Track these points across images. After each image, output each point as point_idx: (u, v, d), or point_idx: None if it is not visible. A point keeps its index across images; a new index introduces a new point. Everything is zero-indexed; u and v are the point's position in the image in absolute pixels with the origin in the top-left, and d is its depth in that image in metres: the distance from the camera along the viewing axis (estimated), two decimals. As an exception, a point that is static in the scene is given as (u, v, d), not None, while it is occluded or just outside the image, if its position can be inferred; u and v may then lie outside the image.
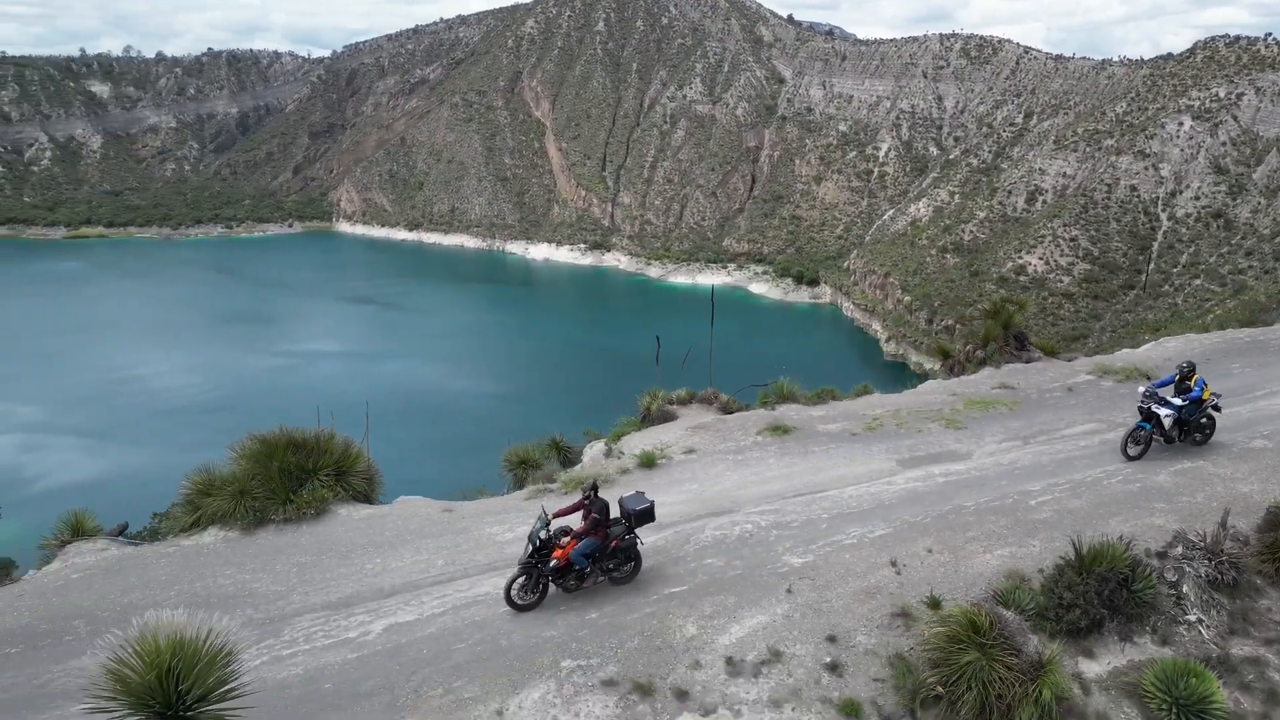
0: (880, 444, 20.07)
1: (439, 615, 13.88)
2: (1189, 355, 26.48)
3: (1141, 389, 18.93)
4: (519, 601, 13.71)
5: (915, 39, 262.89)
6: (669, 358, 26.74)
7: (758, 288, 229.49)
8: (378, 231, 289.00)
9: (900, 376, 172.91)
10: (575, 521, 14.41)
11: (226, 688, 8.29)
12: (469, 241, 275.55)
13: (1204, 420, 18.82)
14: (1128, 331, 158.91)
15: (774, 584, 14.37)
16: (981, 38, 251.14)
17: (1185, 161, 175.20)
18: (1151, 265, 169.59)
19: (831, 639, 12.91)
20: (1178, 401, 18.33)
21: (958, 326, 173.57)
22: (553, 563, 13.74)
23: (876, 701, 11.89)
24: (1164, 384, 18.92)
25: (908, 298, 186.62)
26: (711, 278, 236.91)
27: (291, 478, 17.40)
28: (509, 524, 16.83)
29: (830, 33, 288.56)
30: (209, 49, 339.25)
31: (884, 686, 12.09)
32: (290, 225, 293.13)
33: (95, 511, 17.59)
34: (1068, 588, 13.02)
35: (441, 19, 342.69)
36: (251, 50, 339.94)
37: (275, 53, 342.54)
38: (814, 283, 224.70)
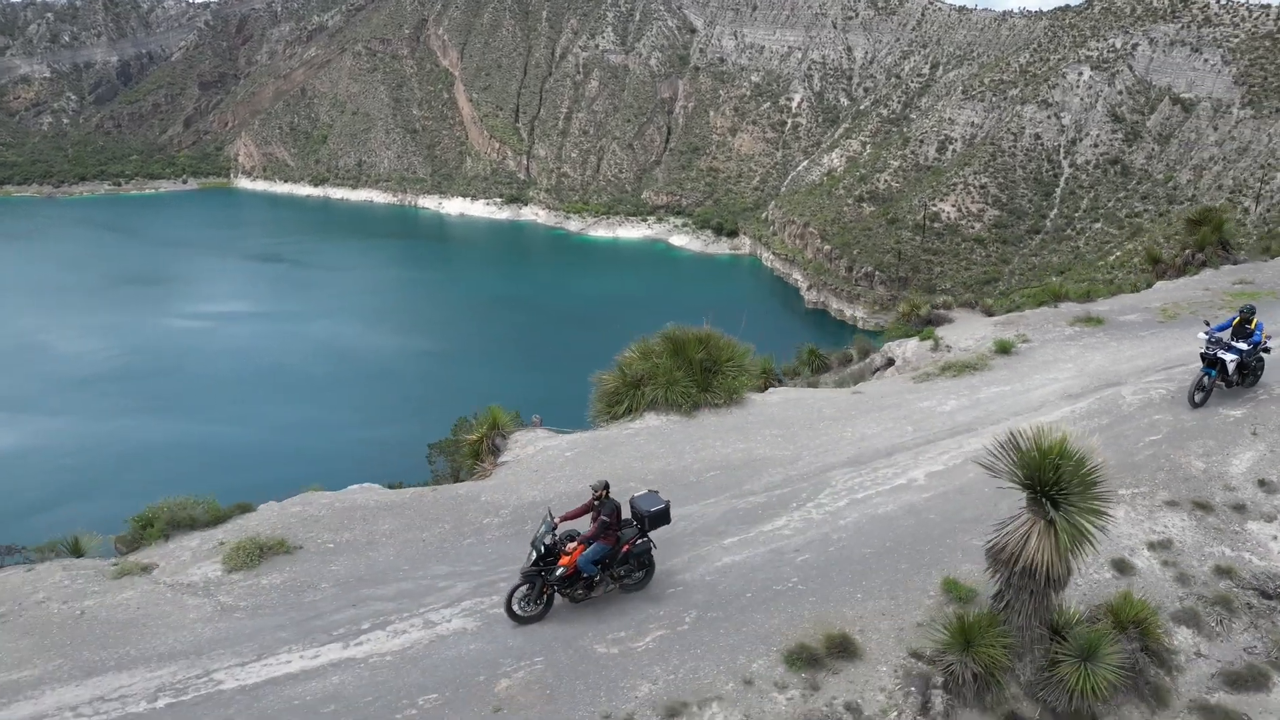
0: (1194, 327, 21.92)
1: (958, 465, 15.82)
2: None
3: (1202, 334, 18.85)
4: (520, 613, 12.67)
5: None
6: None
7: (678, 240, 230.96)
8: (280, 187, 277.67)
9: (822, 323, 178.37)
10: (584, 525, 13.29)
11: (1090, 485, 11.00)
12: (378, 197, 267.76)
13: (1256, 363, 18.87)
14: (1034, 274, 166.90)
15: (1234, 429, 16.49)
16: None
17: (1085, 110, 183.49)
18: (1055, 211, 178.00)
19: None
20: (1242, 346, 18.32)
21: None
22: (559, 570, 12.63)
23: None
24: (1223, 328, 18.84)
25: (827, 246, 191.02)
26: (632, 230, 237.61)
27: (703, 370, 19.62)
28: (930, 398, 19.40)
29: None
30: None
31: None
32: (185, 181, 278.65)
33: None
34: None
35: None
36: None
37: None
38: (733, 234, 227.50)
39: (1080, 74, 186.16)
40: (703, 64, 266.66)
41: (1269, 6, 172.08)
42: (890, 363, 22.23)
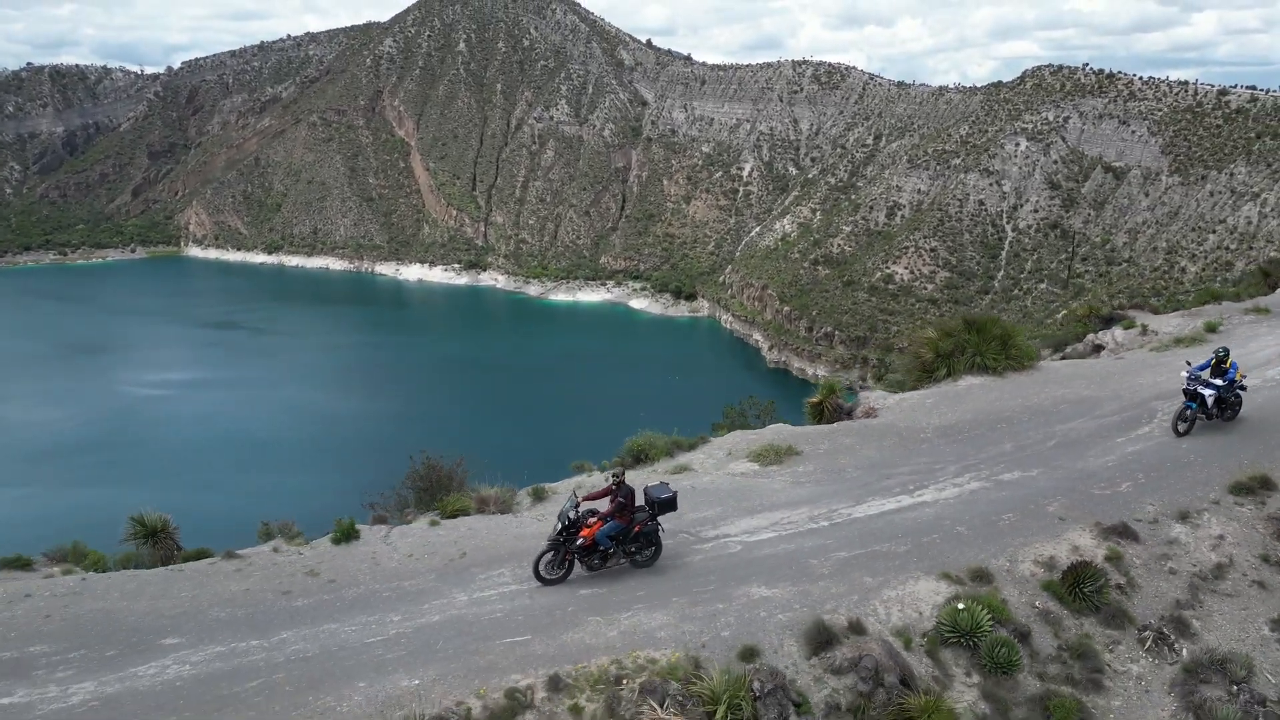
0: None
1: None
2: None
3: (1184, 373, 20.48)
4: (546, 575, 14.30)
5: (770, 65, 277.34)
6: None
7: (638, 303, 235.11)
8: (233, 255, 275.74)
9: (785, 382, 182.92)
10: (603, 506, 14.91)
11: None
12: (335, 264, 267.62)
13: (1234, 399, 20.43)
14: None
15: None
16: (831, 65, 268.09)
17: (1024, 178, 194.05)
18: (1002, 272, 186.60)
19: None
20: (1219, 382, 19.88)
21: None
22: (579, 541, 14.27)
23: None
24: (1203, 367, 20.36)
25: (786, 308, 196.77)
26: (592, 294, 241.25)
27: (1001, 343, 24.41)
28: (1178, 359, 23.57)
29: (688, 58, 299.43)
30: (28, 63, 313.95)
31: None
32: (133, 250, 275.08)
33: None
34: None
35: (289, 36, 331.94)
36: (78, 65, 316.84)
37: (104, 68, 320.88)
38: (691, 297, 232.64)
39: (1018, 144, 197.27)
40: (655, 135, 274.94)
41: (1187, 83, 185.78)
42: (1099, 348, 26.03)
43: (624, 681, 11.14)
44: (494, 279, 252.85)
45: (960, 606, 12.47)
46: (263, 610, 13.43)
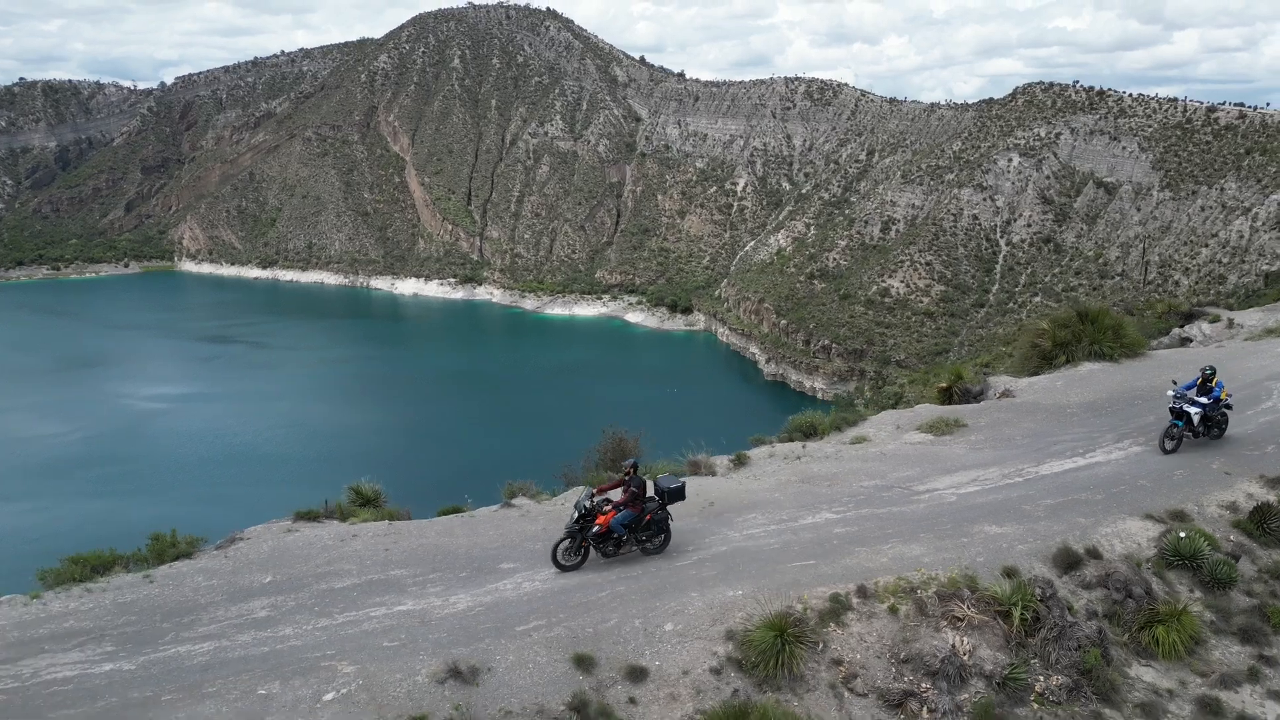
0: None
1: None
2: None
3: (1170, 391, 20.76)
4: (563, 562, 15.03)
5: (763, 81, 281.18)
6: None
7: (634, 317, 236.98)
8: (227, 270, 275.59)
9: (783, 394, 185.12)
10: (616, 496, 15.71)
11: None
12: (329, 278, 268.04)
13: (1220, 417, 20.65)
14: (982, 345, 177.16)
15: None
16: (823, 82, 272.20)
17: (1017, 193, 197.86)
18: (996, 286, 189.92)
19: None
20: (1204, 400, 20.10)
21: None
22: (595, 528, 15.05)
23: None
24: (1189, 386, 20.57)
25: (783, 321, 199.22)
26: (588, 308, 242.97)
27: (1114, 332, 26.74)
28: (1262, 358, 26.04)
29: (681, 75, 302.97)
30: (21, 78, 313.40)
31: None
32: (126, 265, 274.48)
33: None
34: None
35: (283, 52, 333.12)
36: (71, 80, 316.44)
37: (97, 83, 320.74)
38: (687, 311, 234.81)
39: (1010, 160, 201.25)
40: (649, 150, 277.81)
41: (1176, 100, 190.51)
42: (1186, 341, 27.65)
43: (917, 591, 13.07)
44: (490, 293, 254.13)
45: (1182, 534, 14.29)
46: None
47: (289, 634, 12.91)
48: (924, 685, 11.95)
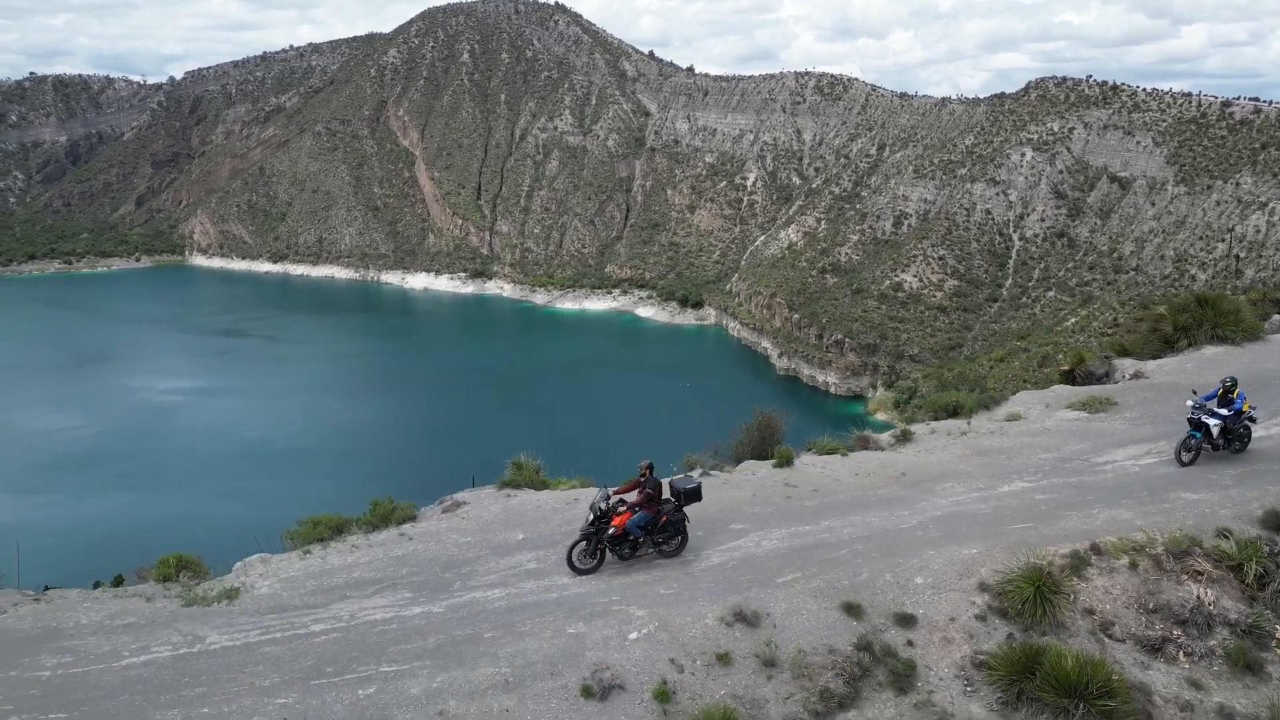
0: None
1: None
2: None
3: (1189, 402, 20.04)
4: (579, 565, 14.90)
5: (772, 76, 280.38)
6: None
7: (645, 311, 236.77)
8: (238, 264, 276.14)
9: (795, 389, 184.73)
10: (632, 497, 15.46)
11: None
12: (340, 272, 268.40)
13: (1242, 430, 19.98)
14: (996, 340, 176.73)
15: None
16: (833, 76, 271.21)
17: (1030, 188, 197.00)
18: (1010, 280, 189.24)
19: None
20: (1224, 412, 19.44)
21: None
22: (611, 530, 14.86)
23: None
24: (1209, 397, 19.93)
25: (795, 315, 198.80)
26: (598, 303, 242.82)
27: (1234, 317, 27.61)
28: None
29: (690, 69, 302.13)
30: (31, 73, 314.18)
31: None
32: (138, 259, 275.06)
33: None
34: None
35: (292, 46, 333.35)
36: (81, 75, 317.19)
37: (107, 77, 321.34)
38: (698, 305, 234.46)
39: (1023, 154, 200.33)
40: (658, 145, 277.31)
41: (1190, 94, 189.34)
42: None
43: (1145, 549, 14.48)
44: (500, 287, 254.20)
45: None
46: (776, 509, 17.13)
47: (567, 583, 14.48)
48: (1175, 632, 13.29)
